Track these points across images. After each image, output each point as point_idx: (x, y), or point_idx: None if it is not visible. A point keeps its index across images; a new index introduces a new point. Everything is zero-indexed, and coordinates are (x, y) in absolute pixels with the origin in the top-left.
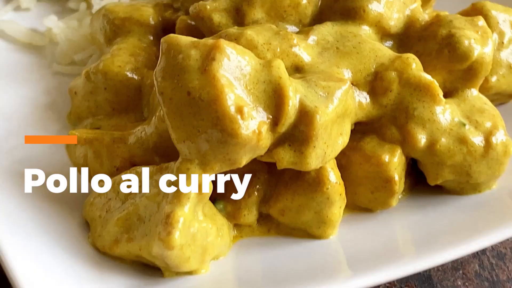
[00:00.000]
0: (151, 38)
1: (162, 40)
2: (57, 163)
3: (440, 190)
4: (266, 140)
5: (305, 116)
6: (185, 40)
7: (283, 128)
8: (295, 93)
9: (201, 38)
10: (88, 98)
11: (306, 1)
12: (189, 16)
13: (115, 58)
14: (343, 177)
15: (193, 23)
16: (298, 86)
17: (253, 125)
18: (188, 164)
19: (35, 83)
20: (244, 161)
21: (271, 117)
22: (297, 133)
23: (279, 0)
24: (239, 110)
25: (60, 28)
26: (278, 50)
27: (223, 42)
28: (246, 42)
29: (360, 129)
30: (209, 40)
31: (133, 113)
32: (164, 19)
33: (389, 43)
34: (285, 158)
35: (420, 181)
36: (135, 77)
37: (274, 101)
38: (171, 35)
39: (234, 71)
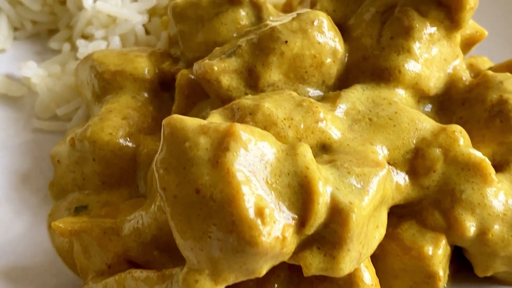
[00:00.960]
0: (146, 95)
1: (163, 122)
2: (37, 249)
3: (488, 279)
4: (291, 245)
5: (337, 215)
6: (192, 123)
7: (311, 229)
8: (325, 186)
9: (206, 95)
10: (74, 169)
11: (331, 59)
12: (191, 69)
13: (105, 123)
14: (376, 268)
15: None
16: (328, 175)
17: (276, 230)
18: (196, 275)
19: (10, 143)
20: (264, 270)
21: (296, 217)
22: (328, 234)
23: (299, 60)
24: (259, 213)
25: (40, 76)
26: (302, 126)
27: (238, 128)
28: (263, 117)
29: (397, 212)
30: (221, 125)
31: (126, 188)
32: (161, 72)
33: (428, 107)
34: (313, 264)
35: (464, 266)
36: (129, 144)
37: (301, 197)
38: (175, 116)
39: (253, 162)
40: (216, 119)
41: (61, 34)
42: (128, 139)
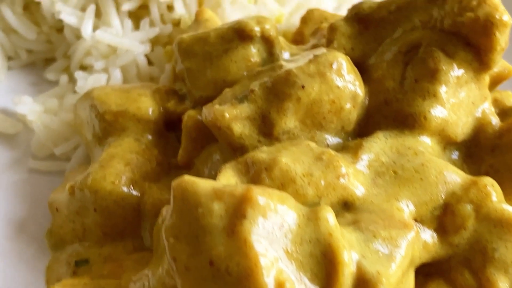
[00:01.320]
0: (151, 137)
1: (173, 184)
2: None
3: None
4: None
5: (364, 286)
6: (204, 187)
7: None
8: (351, 254)
9: (215, 138)
10: (74, 218)
11: (351, 104)
12: (198, 110)
13: (106, 170)
14: None
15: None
16: (353, 239)
17: None
18: None
19: (4, 185)
20: None
21: None
22: None
23: (316, 106)
24: None
25: (36, 112)
26: (323, 183)
27: (256, 192)
28: (280, 173)
29: (423, 271)
30: (237, 189)
31: (130, 240)
32: (166, 111)
33: (455, 154)
34: None
35: None
36: (133, 193)
37: (324, 268)
38: (186, 178)
39: (271, 230)
40: (229, 175)
41: (58, 64)
42: (132, 188)
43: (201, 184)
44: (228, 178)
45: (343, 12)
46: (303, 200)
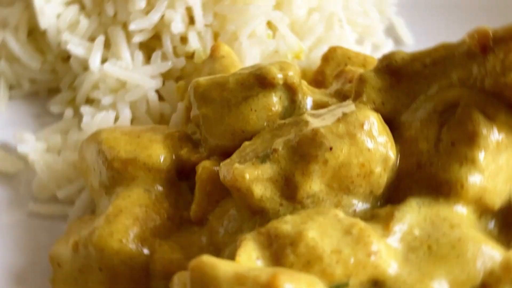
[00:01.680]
0: (161, 188)
1: (191, 266)
2: None
3: None
4: None
5: None
6: (225, 272)
7: None
8: None
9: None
10: (77, 276)
11: (381, 168)
12: (214, 161)
13: (113, 227)
14: None
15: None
16: None
17: None
18: None
19: (2, 231)
20: None
21: None
22: None
23: (345, 169)
24: None
25: (39, 152)
26: (352, 261)
27: (282, 280)
28: (306, 250)
29: None
30: (261, 276)
31: None
32: (179, 159)
33: (491, 223)
34: None
35: None
36: (142, 251)
37: None
38: (205, 259)
39: None
40: (250, 248)
41: (62, 96)
42: (141, 246)
43: (222, 268)
44: (249, 252)
45: (366, 46)
46: (330, 280)
